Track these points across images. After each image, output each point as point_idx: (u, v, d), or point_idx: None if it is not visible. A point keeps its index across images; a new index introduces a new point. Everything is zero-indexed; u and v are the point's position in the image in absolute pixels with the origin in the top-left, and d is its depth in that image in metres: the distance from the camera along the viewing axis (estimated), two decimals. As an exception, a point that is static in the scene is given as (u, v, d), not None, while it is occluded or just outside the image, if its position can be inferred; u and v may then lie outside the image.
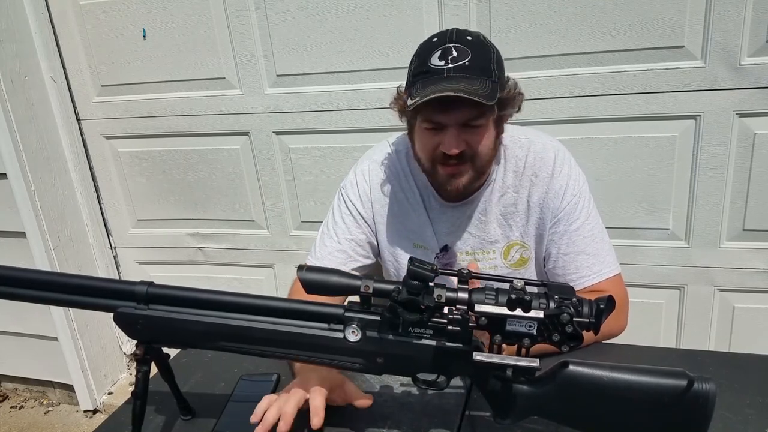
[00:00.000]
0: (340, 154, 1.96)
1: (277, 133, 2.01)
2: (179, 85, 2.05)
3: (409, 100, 1.00)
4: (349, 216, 1.23)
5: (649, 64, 1.60)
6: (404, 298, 0.72)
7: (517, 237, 1.18)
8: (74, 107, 2.20)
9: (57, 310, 2.19)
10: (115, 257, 2.43)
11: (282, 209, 2.11)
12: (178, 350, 1.15)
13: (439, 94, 0.95)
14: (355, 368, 0.80)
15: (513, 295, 0.71)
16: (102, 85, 2.14)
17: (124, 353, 2.53)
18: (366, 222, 1.23)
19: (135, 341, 0.81)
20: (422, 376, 0.81)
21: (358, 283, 0.75)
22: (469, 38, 1.02)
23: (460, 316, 0.76)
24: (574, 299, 0.72)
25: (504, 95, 1.03)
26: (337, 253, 1.21)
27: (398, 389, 0.97)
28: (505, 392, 0.77)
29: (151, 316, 0.79)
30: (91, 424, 2.37)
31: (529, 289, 0.72)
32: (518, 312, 0.72)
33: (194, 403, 0.95)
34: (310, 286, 0.76)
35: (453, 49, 1.00)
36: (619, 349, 1.07)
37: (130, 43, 2.03)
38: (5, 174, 2.04)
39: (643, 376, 0.72)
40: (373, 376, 1.00)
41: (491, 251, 1.19)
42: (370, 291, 0.75)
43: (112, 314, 0.80)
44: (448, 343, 0.77)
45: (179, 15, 1.94)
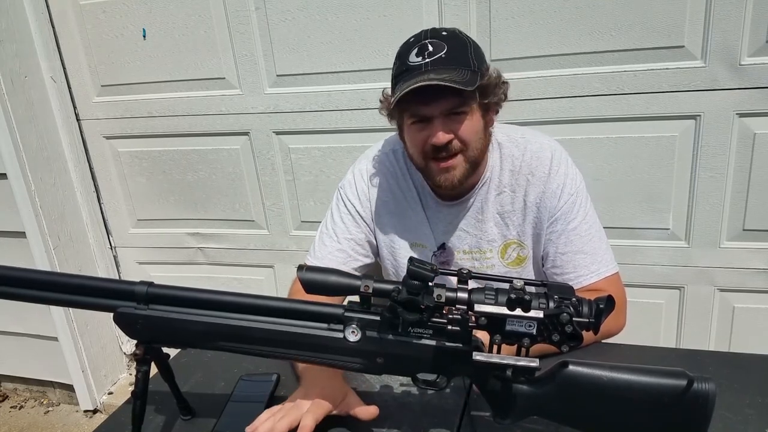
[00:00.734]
0: (340, 154, 1.96)
1: (277, 133, 2.01)
2: (179, 85, 2.05)
3: (392, 98, 1.03)
4: (348, 215, 1.23)
5: (649, 64, 1.60)
6: (404, 298, 0.72)
7: (514, 236, 1.18)
8: (74, 107, 2.20)
9: (57, 310, 2.19)
10: (115, 257, 2.43)
11: (282, 209, 2.11)
12: (178, 350, 1.15)
13: (416, 85, 0.97)
14: (355, 368, 0.81)
15: (513, 295, 0.71)
16: (102, 85, 2.14)
17: (124, 353, 2.53)
18: (365, 221, 1.23)
19: (135, 341, 0.81)
20: (422, 376, 0.81)
21: (358, 283, 0.75)
22: (444, 33, 1.04)
23: (459, 316, 0.76)
24: (574, 299, 0.72)
25: (484, 82, 1.03)
26: (337, 252, 1.21)
27: (398, 389, 0.97)
28: (505, 392, 0.77)
29: (151, 316, 0.79)
30: (91, 424, 2.37)
31: (528, 289, 0.72)
32: (518, 312, 0.72)
33: (194, 403, 0.95)
34: (310, 286, 0.76)
35: (429, 45, 1.02)
36: (619, 349, 1.07)
37: (130, 43, 2.03)
38: (5, 174, 2.04)
39: (643, 376, 0.72)
40: (373, 376, 1.00)
41: (488, 250, 1.20)
42: (370, 291, 0.75)
43: (112, 314, 0.80)
44: (447, 343, 0.77)
45: (179, 15, 1.94)
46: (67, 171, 2.22)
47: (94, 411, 2.42)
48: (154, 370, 0.85)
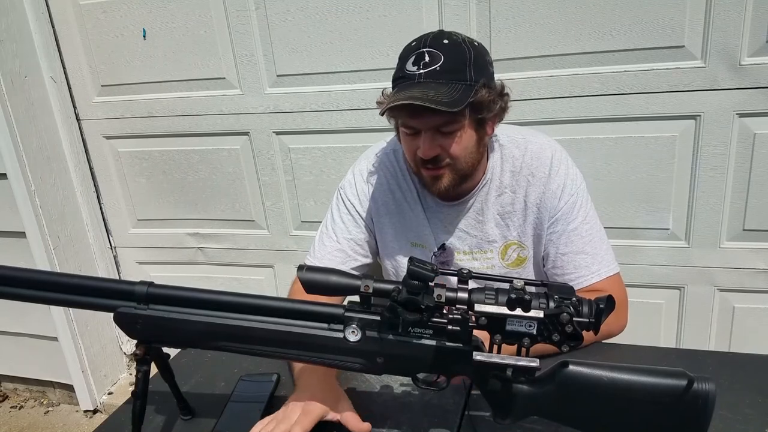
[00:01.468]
0: (340, 154, 1.96)
1: (277, 133, 2.01)
2: (179, 85, 2.05)
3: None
4: (348, 215, 1.23)
5: (649, 64, 1.60)
6: (404, 298, 0.72)
7: (514, 237, 1.18)
8: (74, 107, 2.20)
9: (57, 310, 2.19)
10: (115, 257, 2.43)
11: (282, 209, 2.11)
12: (178, 350, 1.15)
13: (398, 102, 0.95)
14: (355, 368, 0.81)
15: (513, 295, 0.71)
16: (102, 85, 2.14)
17: (124, 353, 2.53)
18: (365, 221, 1.23)
19: (135, 341, 0.81)
20: (422, 376, 0.81)
21: (358, 283, 0.75)
22: (445, 42, 1.00)
23: (460, 316, 0.75)
24: (574, 299, 0.72)
25: (478, 98, 0.99)
26: (337, 252, 1.21)
27: (398, 389, 0.97)
28: (505, 392, 0.77)
29: (151, 316, 0.79)
30: (91, 424, 2.37)
31: (528, 289, 0.72)
32: (518, 312, 0.72)
33: (194, 403, 0.95)
34: (310, 286, 0.76)
35: (426, 54, 0.99)
36: (619, 349, 1.07)
37: (130, 43, 2.03)
38: (5, 174, 2.04)
39: (643, 376, 0.72)
40: (373, 376, 1.00)
41: (488, 251, 1.20)
42: (370, 291, 0.75)
43: (112, 314, 0.80)
44: (448, 343, 0.77)
45: (179, 15, 1.94)
46: (67, 171, 2.22)
47: (94, 411, 2.42)
48: (154, 370, 0.85)
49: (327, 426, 0.86)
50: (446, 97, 0.95)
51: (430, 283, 0.72)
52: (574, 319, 0.71)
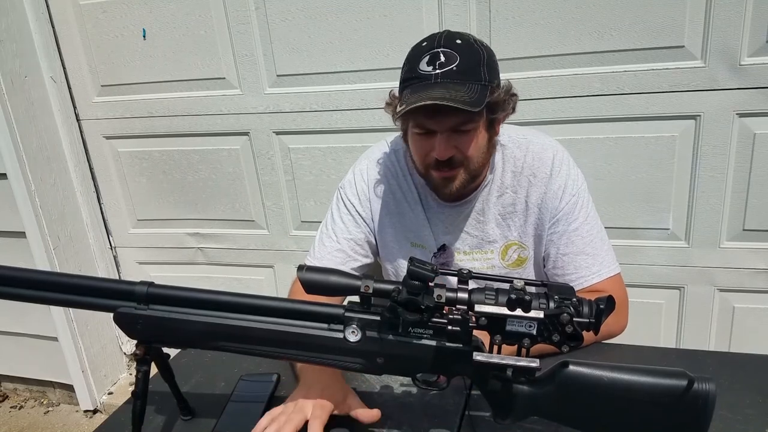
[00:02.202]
0: (340, 154, 1.96)
1: (277, 133, 2.01)
2: (179, 85, 2.05)
3: (399, 106, 0.99)
4: (348, 215, 1.23)
5: (649, 64, 1.60)
6: (404, 299, 0.72)
7: (515, 237, 1.18)
8: (74, 107, 2.20)
9: (57, 310, 2.19)
10: (115, 257, 2.43)
11: (282, 209, 2.11)
12: (178, 350, 1.15)
13: (423, 103, 0.93)
14: (355, 368, 0.81)
15: (513, 295, 0.71)
16: (102, 85, 2.14)
17: (124, 353, 2.53)
18: (365, 221, 1.23)
19: (135, 341, 0.81)
20: (422, 376, 0.81)
21: (358, 283, 0.75)
22: (458, 42, 1.00)
23: (460, 316, 0.76)
24: (574, 299, 0.72)
25: (494, 98, 1.00)
26: (337, 252, 1.21)
27: (398, 389, 0.97)
28: (505, 392, 0.77)
29: (151, 316, 0.79)
30: (91, 424, 2.37)
31: (529, 289, 0.72)
32: (518, 312, 0.71)
33: (194, 403, 0.95)
34: (310, 286, 0.76)
35: (441, 54, 0.99)
36: (619, 349, 1.07)
37: (130, 43, 2.03)
38: (5, 174, 2.04)
39: (643, 376, 0.72)
40: (373, 376, 1.00)
41: (489, 251, 1.20)
42: (370, 291, 0.75)
43: (112, 314, 0.80)
44: (448, 343, 0.77)
45: (179, 15, 1.94)
46: (67, 171, 2.22)
47: (94, 411, 2.42)
48: (154, 370, 0.85)
49: (336, 419, 0.86)
50: (467, 97, 0.95)
51: (430, 284, 0.72)
52: (575, 319, 0.71)
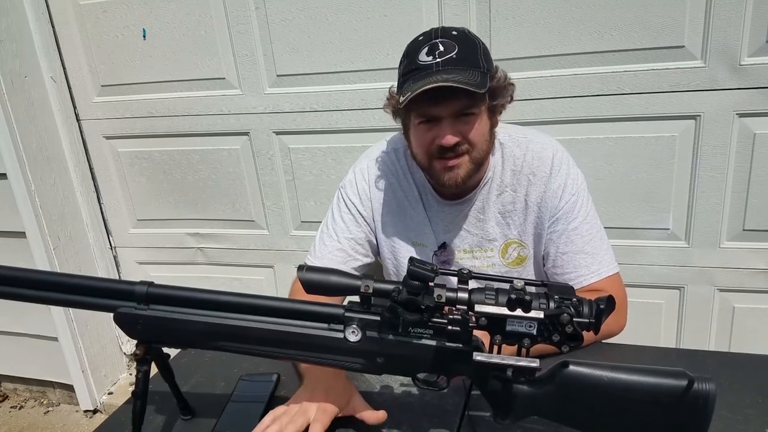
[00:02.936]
0: (340, 154, 1.96)
1: (277, 133, 2.01)
2: (179, 85, 2.05)
3: (401, 98, 1.01)
4: (349, 215, 1.23)
5: (649, 64, 1.60)
6: (404, 298, 0.72)
7: (515, 235, 1.19)
8: (74, 107, 2.20)
9: (57, 310, 2.19)
10: (115, 257, 2.43)
11: (282, 209, 2.11)
12: (178, 350, 1.15)
13: (431, 86, 0.96)
14: (355, 368, 0.80)
15: (513, 295, 0.71)
16: (102, 85, 2.14)
17: (124, 353, 2.53)
18: (365, 220, 1.23)
19: (135, 341, 0.81)
20: (422, 376, 0.81)
21: (358, 283, 0.75)
22: (454, 33, 1.04)
23: (460, 316, 0.75)
24: (574, 299, 0.72)
25: (494, 84, 1.04)
26: (337, 252, 1.21)
27: (398, 389, 0.97)
28: (505, 392, 0.77)
29: (151, 316, 0.79)
30: (91, 424, 2.37)
31: (529, 289, 0.72)
32: (518, 312, 0.71)
33: (194, 403, 0.95)
34: (310, 286, 0.76)
35: (440, 44, 1.02)
36: (619, 349, 1.07)
37: (130, 43, 2.03)
38: (5, 174, 2.04)
39: (643, 376, 0.72)
40: (373, 376, 1.00)
41: (489, 249, 1.20)
42: (370, 291, 0.75)
43: (112, 314, 0.80)
44: (448, 343, 0.77)
45: (179, 15, 1.94)
46: (67, 171, 2.22)
47: (94, 411, 2.42)
48: (154, 370, 0.85)
49: (340, 419, 0.86)
50: (470, 80, 0.98)
51: (430, 284, 0.72)
52: (575, 319, 0.71)
